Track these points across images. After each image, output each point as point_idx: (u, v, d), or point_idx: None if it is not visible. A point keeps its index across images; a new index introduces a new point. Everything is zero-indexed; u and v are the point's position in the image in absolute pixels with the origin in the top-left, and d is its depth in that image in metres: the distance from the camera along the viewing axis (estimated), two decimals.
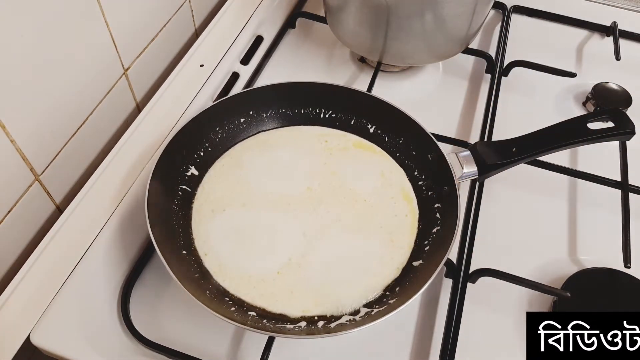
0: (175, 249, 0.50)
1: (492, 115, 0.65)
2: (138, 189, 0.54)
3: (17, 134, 0.47)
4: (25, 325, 0.46)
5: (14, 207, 0.50)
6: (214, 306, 0.45)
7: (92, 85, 0.56)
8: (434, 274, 0.45)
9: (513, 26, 0.76)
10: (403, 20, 0.60)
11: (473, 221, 0.55)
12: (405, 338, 0.50)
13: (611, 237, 0.55)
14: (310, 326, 0.47)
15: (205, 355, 0.47)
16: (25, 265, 0.49)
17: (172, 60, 0.70)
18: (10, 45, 0.44)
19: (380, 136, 0.60)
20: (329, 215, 0.53)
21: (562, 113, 0.68)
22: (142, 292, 0.51)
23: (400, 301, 0.45)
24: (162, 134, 0.58)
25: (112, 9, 0.54)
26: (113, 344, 0.48)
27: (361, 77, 0.71)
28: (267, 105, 0.60)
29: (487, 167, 0.53)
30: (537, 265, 0.55)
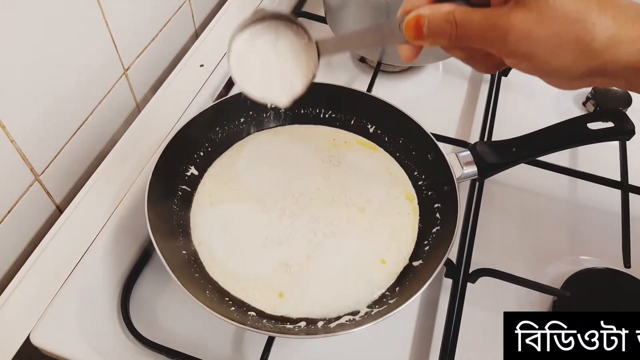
0: (175, 249, 0.50)
1: (492, 116, 0.65)
2: (138, 189, 0.54)
3: (17, 134, 0.47)
4: (25, 325, 0.46)
5: (14, 207, 0.50)
6: (214, 306, 0.45)
7: (92, 85, 0.56)
8: (434, 274, 0.45)
9: None
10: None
11: (473, 221, 0.55)
12: (405, 338, 0.50)
13: (611, 237, 0.54)
14: (310, 326, 0.47)
15: (205, 355, 0.47)
16: (25, 265, 0.49)
17: (172, 60, 0.70)
18: (10, 46, 0.44)
19: (380, 136, 0.60)
20: (331, 213, 0.53)
21: (562, 113, 0.68)
22: (142, 292, 0.51)
23: (400, 301, 0.45)
24: (162, 134, 0.58)
25: (112, 9, 0.54)
26: (113, 344, 0.48)
27: (361, 77, 0.71)
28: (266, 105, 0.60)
29: (487, 167, 0.53)
30: (537, 265, 0.55)
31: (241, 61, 0.43)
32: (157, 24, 0.65)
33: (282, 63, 0.44)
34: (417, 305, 0.52)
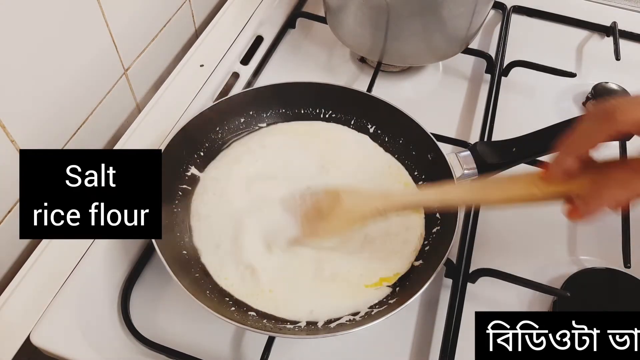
0: (175, 249, 0.50)
1: (492, 115, 0.65)
2: None
3: (17, 134, 0.47)
4: (25, 325, 0.46)
5: (14, 207, 0.50)
6: (214, 306, 0.45)
7: (92, 85, 0.56)
8: (434, 274, 0.45)
9: (513, 26, 0.76)
10: (403, 20, 0.61)
11: (473, 221, 0.55)
12: (405, 338, 0.50)
13: (611, 237, 0.54)
14: (310, 326, 0.47)
15: (205, 355, 0.47)
16: (25, 265, 0.49)
17: (172, 60, 0.70)
18: (10, 46, 0.44)
19: (381, 136, 0.60)
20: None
21: (561, 113, 0.68)
22: (142, 292, 0.51)
23: (400, 301, 0.45)
24: (162, 134, 0.58)
25: (112, 9, 0.54)
26: (113, 344, 0.48)
27: (361, 77, 0.71)
28: (267, 105, 0.60)
29: (487, 167, 0.53)
30: (537, 265, 0.55)
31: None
32: (157, 24, 0.65)
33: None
34: (417, 305, 0.52)
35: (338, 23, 0.67)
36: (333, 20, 0.68)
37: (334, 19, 0.68)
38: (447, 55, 0.68)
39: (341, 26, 0.67)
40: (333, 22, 0.69)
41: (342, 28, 0.67)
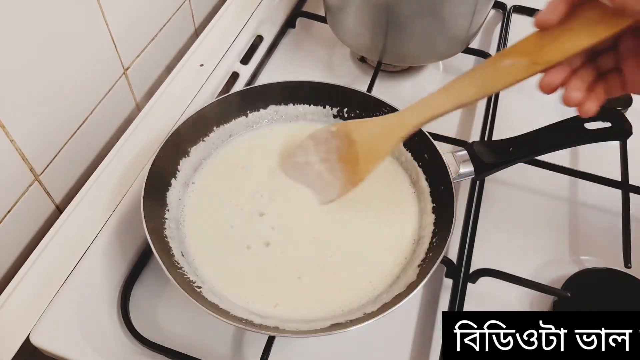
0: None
1: (492, 115, 0.64)
2: (137, 189, 0.54)
3: (16, 134, 0.47)
4: (25, 325, 0.46)
5: (14, 207, 0.50)
6: (212, 307, 0.45)
7: (92, 85, 0.56)
8: (431, 271, 0.45)
9: (513, 26, 0.76)
10: (403, 20, 0.60)
11: (473, 221, 0.55)
12: (405, 338, 0.50)
13: (611, 237, 0.54)
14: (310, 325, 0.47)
15: (205, 356, 0.47)
16: (25, 265, 0.49)
17: (171, 60, 0.70)
18: (10, 46, 0.44)
19: None
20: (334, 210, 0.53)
21: (561, 113, 0.67)
22: (141, 292, 0.51)
23: (398, 299, 0.45)
24: (162, 134, 0.58)
25: (112, 9, 0.54)
26: (113, 344, 0.48)
27: (361, 77, 0.71)
28: (266, 105, 0.60)
29: (484, 166, 0.53)
30: (537, 265, 0.55)
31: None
32: (157, 24, 0.65)
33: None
34: (417, 305, 0.52)
35: (338, 23, 0.67)
36: (333, 19, 0.68)
37: (334, 19, 0.68)
38: (447, 55, 0.68)
39: (341, 26, 0.67)
40: (333, 22, 0.69)
41: (342, 28, 0.67)
